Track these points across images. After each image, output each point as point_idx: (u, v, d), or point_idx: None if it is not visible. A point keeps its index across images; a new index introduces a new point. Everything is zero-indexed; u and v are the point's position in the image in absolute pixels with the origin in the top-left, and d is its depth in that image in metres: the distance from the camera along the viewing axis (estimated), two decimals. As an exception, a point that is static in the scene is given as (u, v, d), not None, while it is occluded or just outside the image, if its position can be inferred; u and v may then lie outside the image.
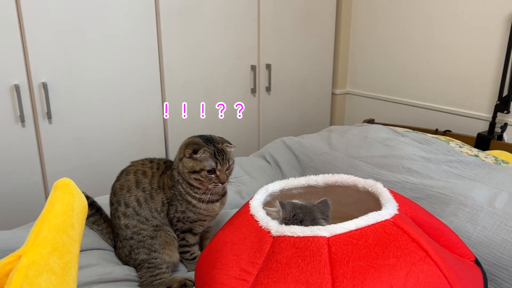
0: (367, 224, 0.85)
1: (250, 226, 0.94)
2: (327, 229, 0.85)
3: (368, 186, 1.04)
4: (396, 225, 0.85)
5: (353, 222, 0.86)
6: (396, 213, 0.88)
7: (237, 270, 0.87)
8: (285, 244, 0.85)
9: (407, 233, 0.84)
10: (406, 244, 0.82)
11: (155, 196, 1.21)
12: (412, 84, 2.45)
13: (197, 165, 1.15)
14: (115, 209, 1.23)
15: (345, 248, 0.81)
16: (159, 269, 1.19)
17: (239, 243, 0.92)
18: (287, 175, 1.80)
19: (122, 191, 1.22)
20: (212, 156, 1.15)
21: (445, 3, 2.21)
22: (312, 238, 0.84)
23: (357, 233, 0.84)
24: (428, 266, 0.80)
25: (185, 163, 1.17)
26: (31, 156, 1.78)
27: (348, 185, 1.10)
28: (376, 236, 0.83)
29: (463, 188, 1.37)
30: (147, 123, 2.05)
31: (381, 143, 1.76)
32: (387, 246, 0.81)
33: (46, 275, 0.68)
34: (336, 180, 1.12)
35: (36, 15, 1.66)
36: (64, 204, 0.77)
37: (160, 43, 1.99)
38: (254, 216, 0.96)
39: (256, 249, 0.88)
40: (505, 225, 1.20)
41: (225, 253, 0.92)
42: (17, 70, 1.68)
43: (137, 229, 1.20)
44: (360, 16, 2.64)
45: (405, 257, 0.80)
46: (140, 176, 1.23)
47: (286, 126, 2.59)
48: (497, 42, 2.04)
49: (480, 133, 2.06)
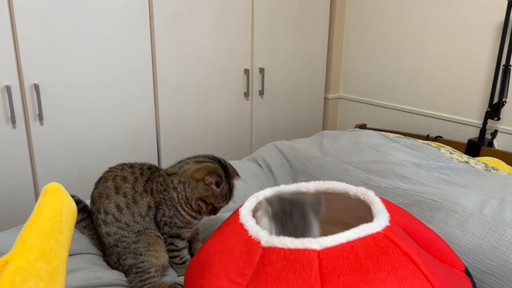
0: (358, 236, 0.84)
1: (239, 235, 0.93)
2: (318, 242, 0.84)
3: (360, 194, 1.04)
4: (387, 237, 0.85)
5: (344, 235, 0.85)
6: (388, 224, 0.88)
7: (226, 281, 0.86)
8: (275, 256, 0.84)
9: (398, 246, 0.83)
10: (397, 257, 0.81)
11: (139, 200, 1.19)
12: (404, 89, 2.46)
13: (210, 198, 1.16)
14: (96, 218, 1.21)
15: (335, 261, 0.81)
16: (147, 273, 1.18)
17: (228, 252, 0.91)
18: (279, 179, 1.80)
19: (101, 199, 1.20)
20: (224, 194, 1.17)
21: (437, 11, 2.23)
22: (303, 251, 0.83)
23: (348, 246, 0.83)
24: (419, 281, 0.80)
25: (200, 189, 1.16)
26: (22, 158, 1.77)
27: (339, 192, 1.10)
28: (367, 249, 0.82)
29: (453, 194, 1.38)
30: (140, 126, 2.04)
31: (372, 148, 1.76)
32: (378, 259, 0.81)
33: (33, 281, 0.67)
34: (327, 187, 1.11)
35: (29, 16, 1.65)
36: (52, 209, 0.76)
37: (153, 45, 1.99)
38: (244, 225, 0.95)
39: (245, 259, 0.87)
40: (494, 232, 1.21)
41: (214, 263, 0.91)
42: (9, 71, 1.67)
43: (118, 236, 1.18)
44: (353, 21, 2.66)
45: (396, 271, 0.80)
46: (120, 182, 1.20)
47: (279, 130, 2.59)
48: (488, 50, 2.06)
49: (470, 140, 2.07)
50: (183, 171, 1.20)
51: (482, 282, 1.16)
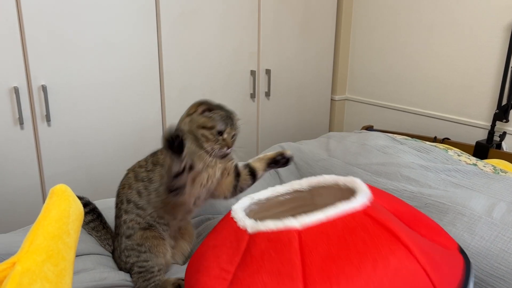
0: (337, 214, 0.87)
1: (229, 228, 0.97)
2: (298, 221, 0.87)
3: (348, 182, 1.06)
4: (367, 214, 0.87)
5: (323, 213, 0.87)
6: (366, 203, 0.90)
7: (217, 270, 0.89)
8: (259, 239, 0.87)
9: (378, 221, 0.85)
10: (376, 231, 0.83)
11: (152, 175, 1.22)
12: (411, 91, 2.45)
13: (209, 122, 1.19)
14: (119, 209, 1.25)
15: (315, 237, 0.84)
16: (151, 272, 1.19)
17: (220, 245, 0.95)
18: (285, 181, 1.80)
19: (123, 189, 1.25)
20: (223, 118, 1.21)
21: (445, 12, 2.21)
22: (284, 231, 0.86)
23: (327, 223, 0.86)
24: (400, 252, 0.80)
25: (196, 119, 1.21)
26: (29, 159, 1.78)
27: (330, 184, 1.11)
28: (346, 225, 0.85)
29: (461, 197, 1.36)
30: (146, 127, 2.05)
31: (379, 150, 1.75)
32: (357, 234, 0.83)
33: (40, 283, 0.67)
34: (318, 181, 1.13)
35: (37, 18, 1.66)
36: (60, 211, 0.77)
37: (160, 47, 1.99)
38: (234, 217, 0.98)
39: (234, 248, 0.91)
40: (502, 235, 1.20)
41: (207, 256, 0.95)
42: (17, 73, 1.68)
43: (132, 223, 1.21)
44: (360, 22, 2.65)
45: (375, 243, 0.82)
46: (137, 169, 1.26)
47: (285, 131, 2.58)
48: (497, 51, 2.05)
49: (478, 142, 2.06)
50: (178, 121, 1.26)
51: (490, 286, 1.15)
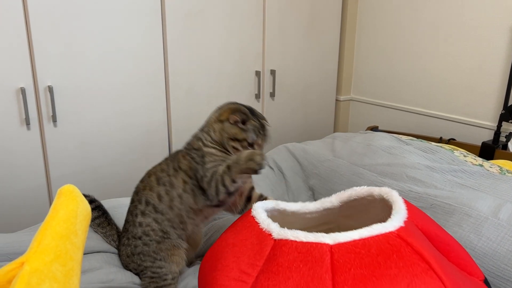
0: (371, 234, 0.85)
1: (251, 228, 0.95)
2: (330, 237, 0.86)
3: (384, 193, 1.03)
4: (400, 237, 0.85)
5: (357, 232, 0.86)
6: (402, 225, 0.88)
7: (237, 271, 0.88)
8: (287, 248, 0.86)
9: (411, 245, 0.83)
10: (409, 255, 0.82)
11: (175, 181, 1.19)
12: (417, 91, 2.44)
13: (240, 134, 1.16)
14: (134, 206, 1.22)
15: (347, 256, 0.82)
16: (164, 280, 1.16)
17: (239, 244, 0.93)
18: (290, 182, 1.80)
19: (145, 190, 1.22)
20: (256, 130, 1.17)
21: (450, 12, 2.21)
22: (316, 244, 0.84)
23: (360, 242, 0.84)
24: (430, 279, 0.79)
25: (227, 129, 1.17)
26: (36, 159, 1.79)
27: (363, 195, 1.07)
28: (379, 247, 0.83)
29: (467, 198, 1.36)
30: (152, 128, 2.05)
31: (385, 151, 1.75)
32: (389, 256, 0.81)
33: (48, 283, 0.68)
34: (350, 194, 1.09)
35: (43, 20, 1.67)
36: (67, 211, 0.77)
37: (165, 48, 2.00)
38: (255, 217, 0.96)
39: (256, 251, 0.89)
40: (509, 237, 1.19)
41: (226, 255, 0.93)
42: (23, 74, 1.69)
43: (148, 229, 1.18)
44: (365, 23, 2.64)
45: (407, 268, 0.80)
46: (159, 173, 1.23)
47: (290, 132, 2.58)
48: (502, 51, 2.04)
49: (484, 142, 2.05)
50: (206, 123, 1.23)
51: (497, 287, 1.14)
